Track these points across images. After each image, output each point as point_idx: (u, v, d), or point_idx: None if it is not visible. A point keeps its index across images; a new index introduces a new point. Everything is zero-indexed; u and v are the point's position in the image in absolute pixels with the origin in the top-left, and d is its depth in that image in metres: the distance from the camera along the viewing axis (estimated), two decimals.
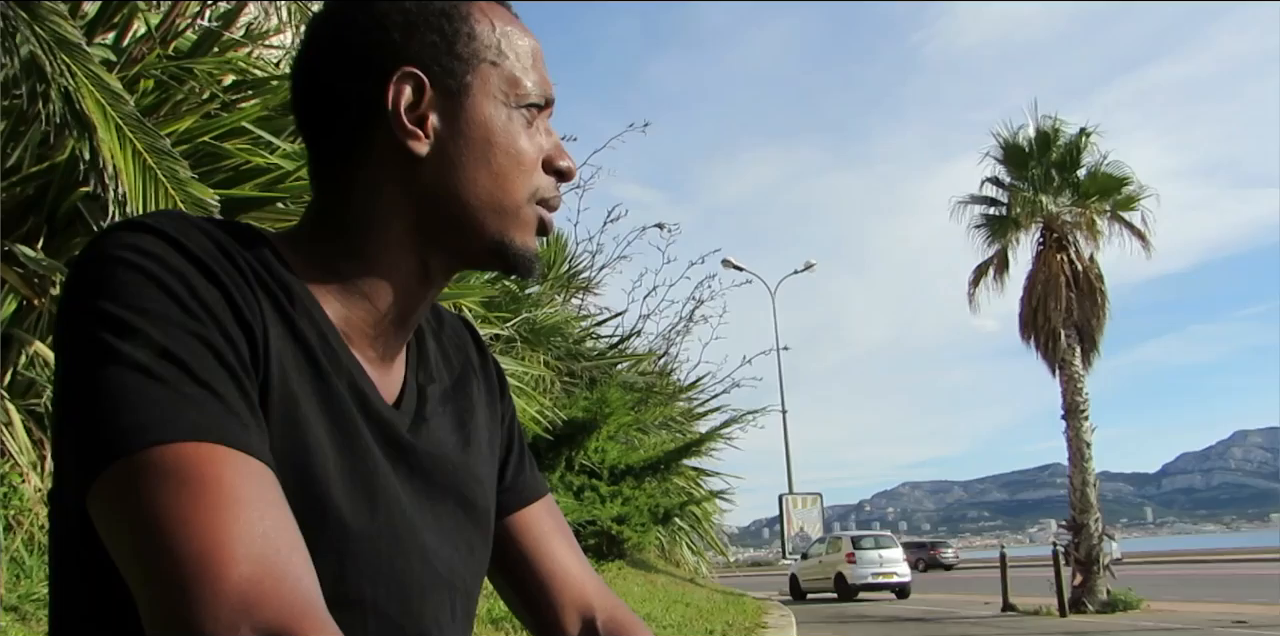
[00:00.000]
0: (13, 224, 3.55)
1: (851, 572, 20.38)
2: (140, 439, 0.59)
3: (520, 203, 0.78)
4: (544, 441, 5.75)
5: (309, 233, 0.78)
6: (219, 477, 0.59)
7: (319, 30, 0.79)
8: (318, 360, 0.72)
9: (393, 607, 0.73)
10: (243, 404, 0.64)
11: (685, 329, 13.48)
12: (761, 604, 7.85)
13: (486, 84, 0.77)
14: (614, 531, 5.55)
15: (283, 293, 0.72)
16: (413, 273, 0.78)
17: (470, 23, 0.78)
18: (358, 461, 0.72)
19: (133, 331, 0.62)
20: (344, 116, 0.77)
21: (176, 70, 3.82)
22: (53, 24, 2.50)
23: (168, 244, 0.66)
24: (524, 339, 7.59)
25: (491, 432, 0.90)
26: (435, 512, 0.78)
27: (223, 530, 0.57)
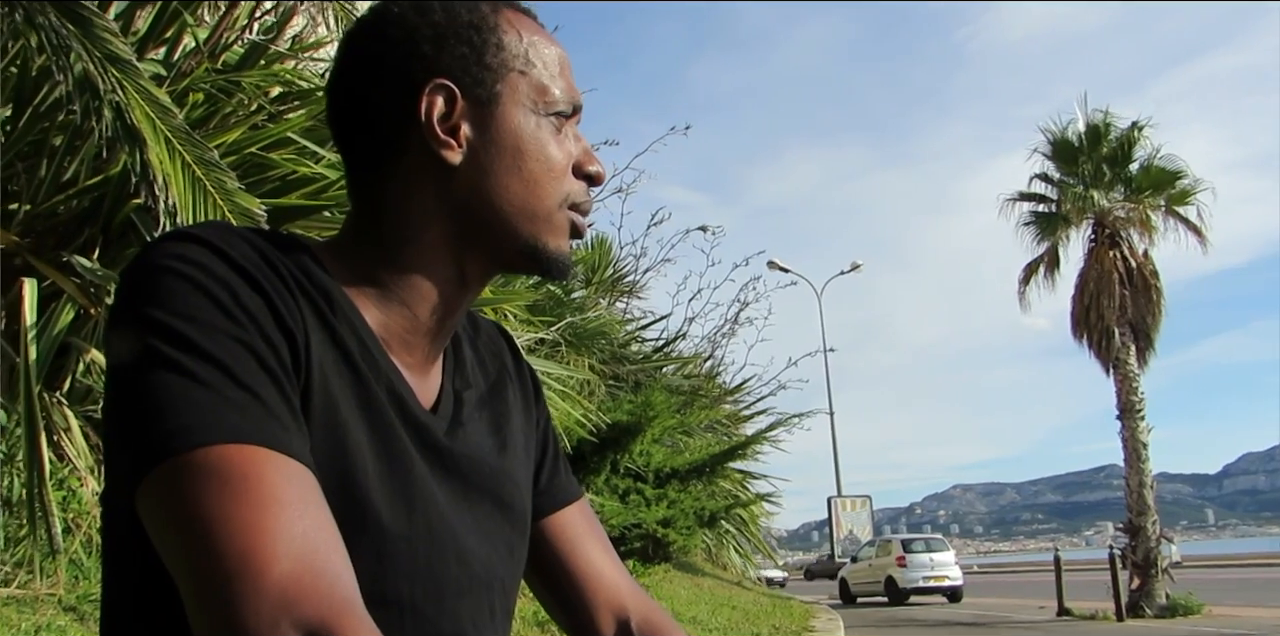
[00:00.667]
0: (70, 235, 3.65)
1: (902, 576, 20.16)
2: (185, 440, 0.61)
3: (552, 208, 0.80)
4: (589, 444, 5.78)
5: (349, 242, 0.81)
6: (260, 478, 0.61)
7: (353, 45, 0.81)
8: (357, 366, 0.74)
9: (430, 607, 0.75)
10: (284, 407, 0.66)
11: (730, 331, 13.47)
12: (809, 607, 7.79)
13: (516, 92, 0.79)
14: (659, 534, 5.55)
15: (324, 300, 0.74)
16: (450, 278, 0.80)
17: (498, 34, 0.80)
18: (396, 464, 0.74)
19: (179, 337, 0.65)
20: (379, 128, 0.79)
21: (225, 83, 3.91)
22: (104, 41, 2.57)
23: (213, 253, 0.69)
24: (569, 343, 7.64)
25: (527, 437, 0.92)
26: (474, 514, 0.80)
27: (264, 528, 0.59)
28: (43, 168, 3.72)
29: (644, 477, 6.27)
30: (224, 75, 3.96)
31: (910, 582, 20.04)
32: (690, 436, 8.80)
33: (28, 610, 2.62)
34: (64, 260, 3.49)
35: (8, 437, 3.06)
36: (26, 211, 3.68)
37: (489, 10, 0.81)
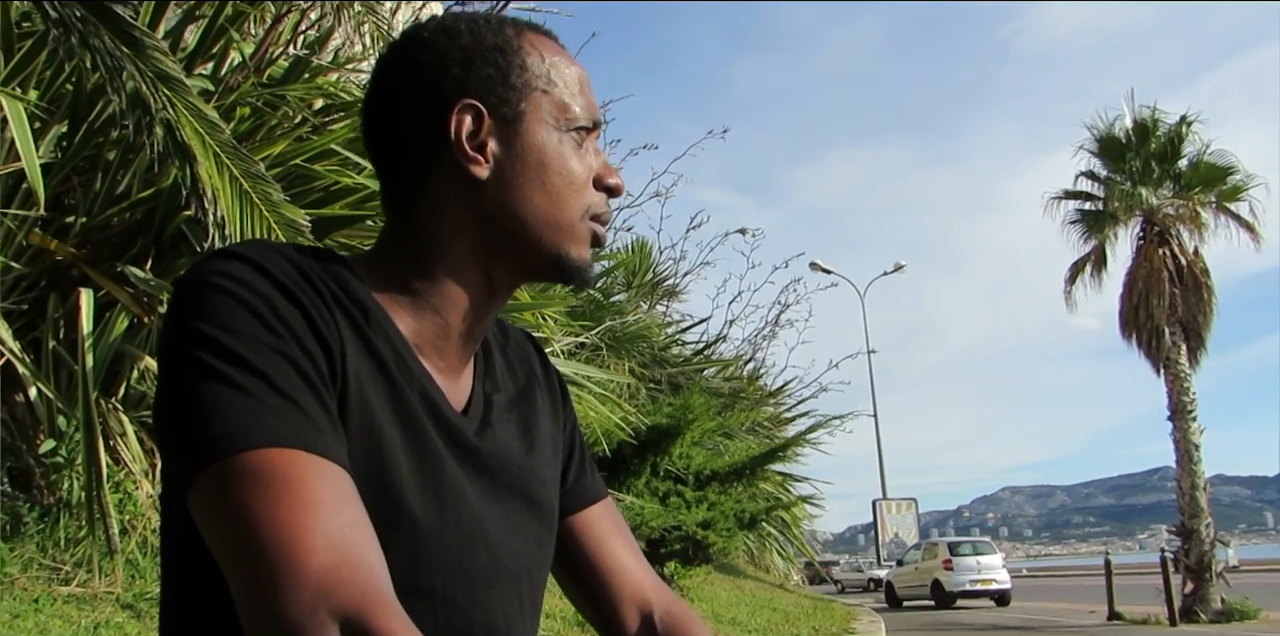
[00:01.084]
0: (123, 246, 3.78)
1: (948, 579, 19.94)
2: (230, 445, 0.66)
3: (574, 219, 0.85)
4: (629, 447, 5.83)
5: (383, 253, 0.86)
6: (299, 479, 0.66)
7: (386, 68, 0.87)
8: (391, 372, 0.79)
9: (461, 597, 0.79)
10: (321, 413, 0.71)
11: (771, 333, 13.45)
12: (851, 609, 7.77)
13: (539, 110, 0.84)
14: (699, 536, 5.58)
15: (359, 311, 0.79)
16: (479, 286, 0.86)
17: (522, 55, 0.85)
18: (428, 464, 0.79)
19: (224, 349, 0.70)
20: (411, 146, 0.85)
21: (270, 97, 4.02)
22: (155, 61, 2.67)
23: (255, 270, 0.74)
24: (609, 346, 7.71)
25: (554, 438, 0.96)
26: (503, 510, 0.85)
27: (303, 525, 0.64)
28: (97, 181, 3.85)
29: (684, 480, 6.30)
30: (269, 89, 4.07)
31: (957, 586, 19.82)
32: (731, 438, 8.81)
33: (87, 607, 2.73)
34: (118, 271, 3.62)
35: (67, 442, 3.18)
36: (82, 224, 3.81)
37: (513, 33, 0.86)
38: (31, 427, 3.31)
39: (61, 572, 2.78)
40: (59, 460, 3.15)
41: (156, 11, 4.11)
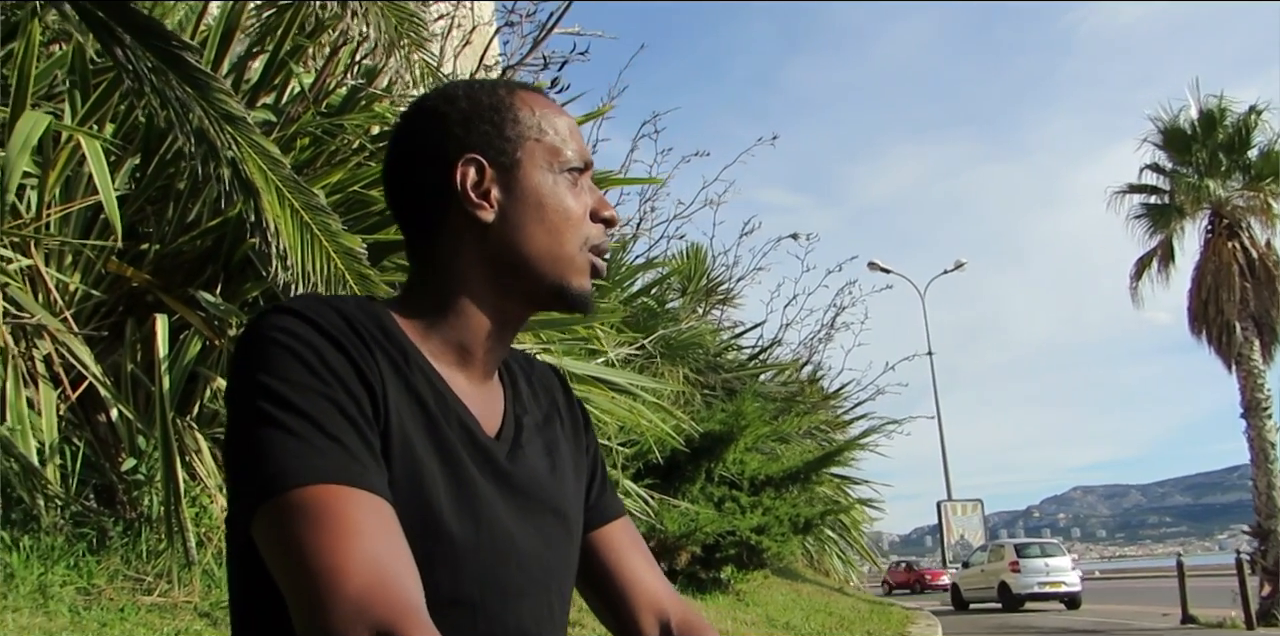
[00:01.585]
0: (195, 272, 3.99)
1: (1016, 581, 19.63)
2: (282, 484, 0.78)
3: (573, 250, 0.96)
4: (683, 454, 5.92)
5: (409, 295, 0.99)
6: (341, 512, 0.77)
7: (399, 135, 0.99)
8: (429, 407, 0.90)
9: (496, 606, 0.90)
10: (364, 450, 0.82)
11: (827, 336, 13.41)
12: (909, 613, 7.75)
13: (534, 157, 0.96)
14: (753, 541, 5.64)
15: (399, 353, 0.91)
16: (494, 317, 0.97)
17: (514, 111, 0.97)
18: (464, 488, 0.90)
19: (278, 397, 0.81)
20: (425, 199, 0.96)
21: (329, 126, 4.20)
22: (220, 102, 2.85)
23: (306, 323, 0.86)
24: (663, 354, 7.81)
25: (577, 461, 1.06)
26: (533, 525, 0.95)
27: (343, 552, 0.75)
28: (170, 210, 4.07)
29: (739, 485, 6.37)
30: (328, 118, 4.26)
31: (1024, 588, 19.50)
32: (787, 443, 8.85)
33: (168, 616, 2.91)
34: (190, 296, 3.82)
35: (147, 460, 3.38)
36: (156, 251, 4.02)
37: (505, 93, 0.98)
38: (113, 446, 3.52)
39: (144, 583, 2.97)
40: (139, 477, 3.35)
41: (221, 46, 4.33)
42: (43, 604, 2.39)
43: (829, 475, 10.75)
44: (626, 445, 5.35)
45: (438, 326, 0.95)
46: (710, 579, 5.96)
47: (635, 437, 5.26)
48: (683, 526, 5.42)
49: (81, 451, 3.23)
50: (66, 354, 3.48)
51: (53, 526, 2.81)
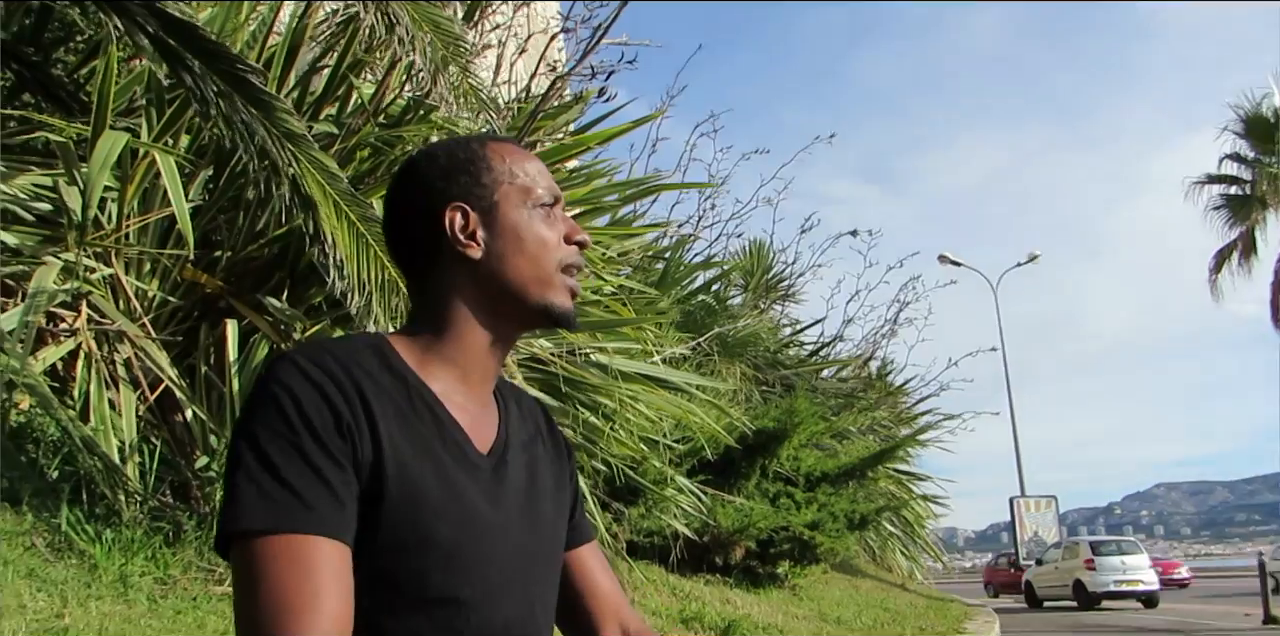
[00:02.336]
0: (263, 278, 4.20)
1: (1091, 579, 19.18)
2: (231, 526, 0.93)
3: (551, 272, 1.11)
4: (737, 450, 6.01)
5: (411, 326, 1.13)
6: (265, 565, 0.91)
7: (391, 194, 1.16)
8: (423, 430, 1.04)
9: (485, 603, 1.03)
10: (315, 492, 0.95)
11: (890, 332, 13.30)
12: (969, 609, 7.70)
13: (509, 198, 1.12)
14: (806, 537, 5.70)
15: (400, 383, 1.05)
16: (487, 339, 1.11)
17: (487, 160, 1.13)
18: (454, 500, 1.03)
19: (254, 440, 0.96)
20: (420, 245, 1.12)
21: (388, 136, 4.38)
22: (282, 121, 3.02)
23: (299, 374, 0.99)
24: (720, 351, 7.90)
25: (558, 482, 1.21)
26: (516, 531, 1.09)
27: (265, 602, 0.90)
28: (240, 219, 4.29)
29: (794, 482, 6.42)
30: (387, 129, 4.44)
31: (1100, 586, 19.04)
32: (847, 439, 8.85)
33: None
34: (259, 301, 4.03)
35: (219, 458, 3.58)
36: (228, 258, 4.24)
37: (478, 146, 1.14)
38: (188, 445, 3.74)
39: (216, 573, 3.16)
40: (212, 474, 3.55)
41: (287, 62, 4.53)
42: (123, 592, 2.58)
43: (891, 471, 10.71)
44: (681, 442, 5.45)
45: (436, 349, 1.10)
46: (766, 574, 6.03)
47: (689, 435, 5.35)
48: (736, 522, 5.50)
49: (159, 450, 3.44)
50: (145, 358, 3.70)
51: (132, 520, 3.01)
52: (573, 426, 4.08)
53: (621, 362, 4.51)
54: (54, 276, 3.37)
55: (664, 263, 8.27)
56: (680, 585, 4.95)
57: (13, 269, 3.62)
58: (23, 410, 3.19)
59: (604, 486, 4.64)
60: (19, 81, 4.67)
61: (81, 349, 3.55)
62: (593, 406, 4.18)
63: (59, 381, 3.50)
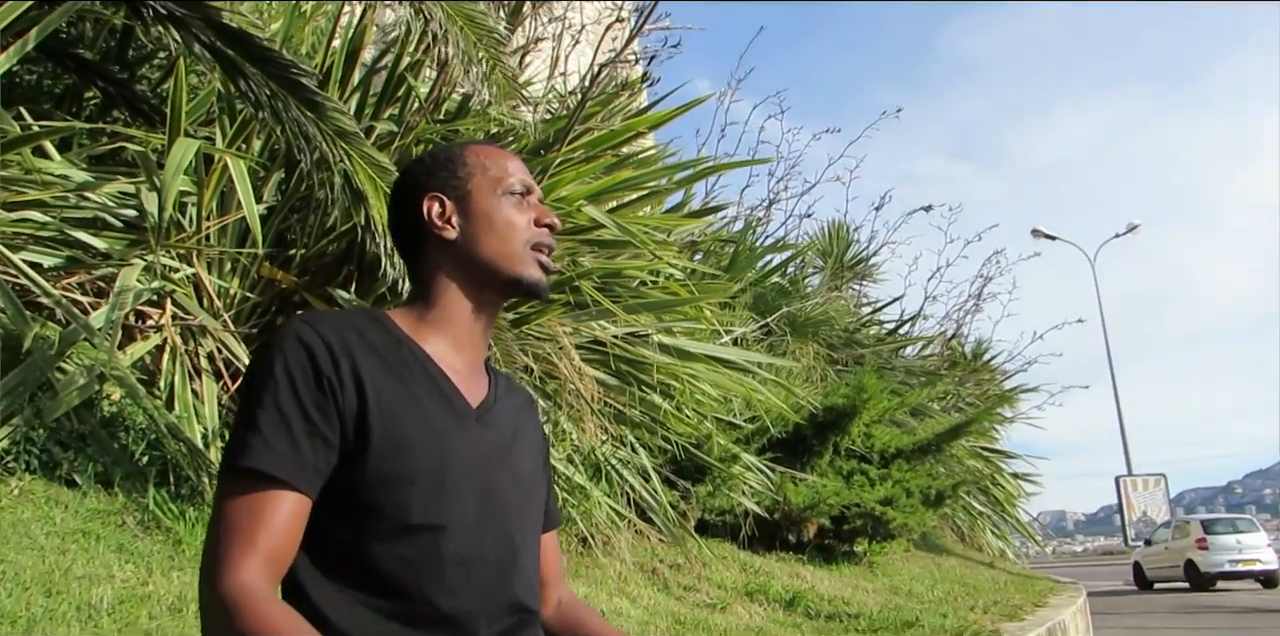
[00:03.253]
0: (333, 273, 4.41)
1: (1203, 559, 18.46)
2: (225, 461, 1.12)
3: (520, 250, 1.28)
4: (809, 428, 6.05)
5: (409, 302, 1.31)
6: (229, 498, 1.09)
7: (392, 192, 1.35)
8: (412, 382, 1.20)
9: (467, 529, 1.18)
10: (284, 443, 1.11)
11: (974, 308, 13.04)
12: (1057, 586, 7.57)
13: (481, 188, 1.29)
14: (878, 512, 5.70)
15: (394, 344, 1.22)
16: (472, 309, 1.29)
17: (463, 158, 1.32)
18: (438, 443, 1.19)
19: (247, 392, 1.15)
20: (410, 233, 1.31)
21: (445, 132, 4.54)
22: (334, 120, 3.19)
23: (297, 338, 1.16)
24: (792, 331, 7.93)
25: (534, 460, 1.35)
26: (497, 474, 1.24)
27: (211, 538, 1.08)
28: (311, 218, 4.51)
29: (869, 459, 6.41)
30: (444, 124, 4.60)
31: (1213, 566, 18.31)
32: (930, 418, 8.76)
33: None
34: (329, 294, 4.24)
35: None
36: (301, 255, 4.47)
37: (458, 149, 1.33)
38: None
39: None
40: None
41: (347, 67, 4.74)
42: None
43: (977, 449, 10.53)
44: (750, 421, 5.52)
45: (427, 319, 1.27)
46: (841, 551, 6.05)
47: (756, 414, 5.41)
48: (807, 498, 5.54)
49: None
50: (225, 350, 3.94)
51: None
52: (632, 405, 4.19)
53: (681, 342, 4.60)
54: (137, 276, 3.61)
55: (734, 246, 8.31)
56: (750, 561, 5.02)
57: (103, 271, 3.88)
58: (114, 401, 3.44)
59: (669, 465, 4.74)
60: (106, 98, 4.98)
61: (167, 343, 3.79)
62: (652, 385, 4.28)
63: (147, 374, 3.75)
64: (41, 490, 2.93)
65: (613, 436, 4.12)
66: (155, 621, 2.20)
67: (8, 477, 2.92)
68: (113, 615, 2.18)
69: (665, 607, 3.54)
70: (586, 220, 4.11)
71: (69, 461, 3.07)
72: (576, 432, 3.89)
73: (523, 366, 3.73)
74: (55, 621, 2.05)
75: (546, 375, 3.99)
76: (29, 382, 3.10)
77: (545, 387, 4.01)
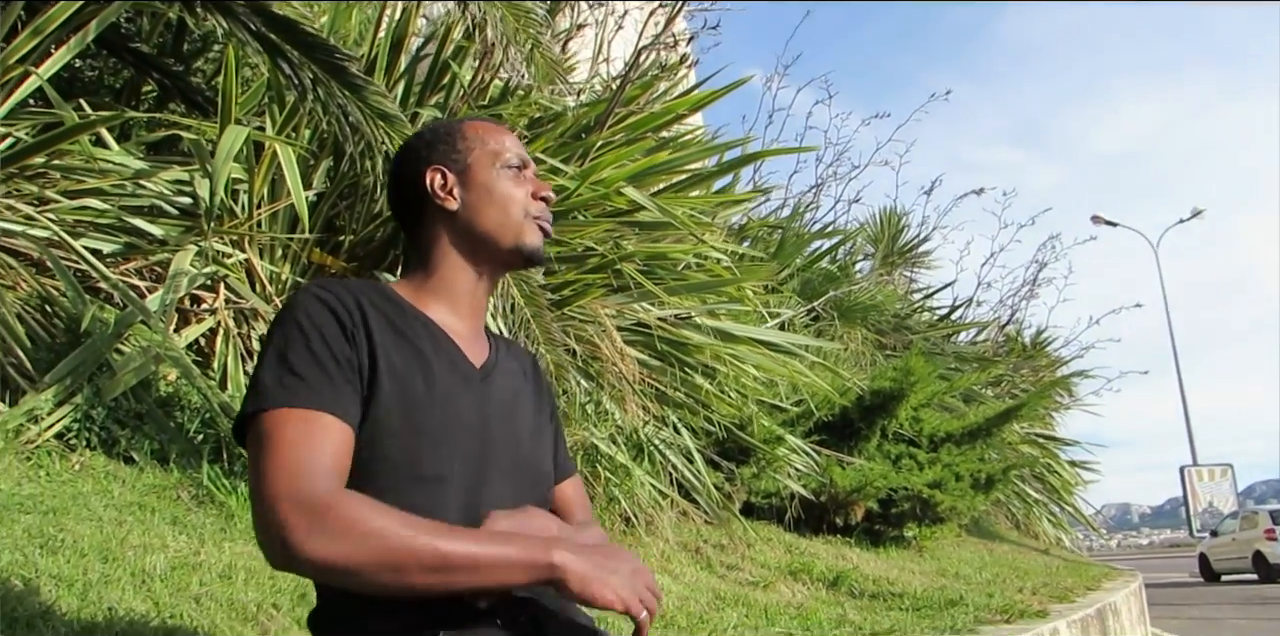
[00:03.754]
0: (380, 257, 4.49)
1: (1273, 551, 17.99)
2: (253, 407, 1.15)
3: (519, 218, 1.33)
4: (856, 411, 6.02)
5: (410, 272, 1.37)
6: (278, 430, 1.12)
7: (394, 166, 1.40)
8: (417, 343, 1.25)
9: (468, 482, 1.23)
10: (323, 381, 1.15)
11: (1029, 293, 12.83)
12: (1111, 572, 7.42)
13: (480, 161, 1.34)
14: (926, 495, 5.66)
15: (398, 310, 1.27)
16: (472, 278, 1.35)
17: (463, 132, 1.37)
18: (443, 399, 1.24)
19: (272, 347, 1.19)
20: (412, 205, 1.36)
21: (487, 117, 4.60)
22: (376, 102, 3.25)
23: (313, 297, 1.22)
24: (840, 315, 7.90)
25: (537, 413, 1.40)
26: (499, 429, 1.30)
27: (270, 466, 1.10)
28: (360, 204, 4.59)
29: (917, 443, 6.36)
30: (486, 109, 4.65)
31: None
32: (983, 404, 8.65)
33: None
34: (377, 278, 4.32)
35: None
36: (350, 240, 4.56)
37: (457, 124, 1.38)
38: None
39: None
40: None
41: (392, 55, 4.81)
42: (254, 538, 2.87)
43: (1032, 436, 10.38)
44: (796, 404, 5.51)
45: (428, 287, 1.33)
46: (890, 535, 6.02)
47: (802, 397, 5.40)
48: (854, 481, 5.52)
49: None
50: None
51: None
52: (674, 385, 4.21)
53: (725, 325, 4.61)
54: (190, 260, 3.72)
55: (781, 232, 8.29)
56: (796, 543, 5.02)
57: (159, 257, 4.00)
58: (170, 381, 3.55)
59: (713, 447, 4.75)
60: (163, 91, 5.12)
61: (220, 326, 3.90)
62: (694, 367, 4.29)
63: (201, 355, 3.86)
64: (101, 466, 3.04)
65: (655, 416, 4.15)
66: (205, 587, 2.28)
67: (69, 454, 3.04)
68: (165, 581, 2.26)
69: (706, 584, 3.56)
70: (626, 203, 4.14)
71: (127, 439, 3.18)
72: (619, 412, 3.93)
73: (564, 347, 3.77)
74: (110, 586, 2.13)
75: (589, 357, 4.03)
76: (88, 363, 3.21)
77: (588, 368, 4.05)
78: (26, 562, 2.08)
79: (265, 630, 2.07)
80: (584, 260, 4.06)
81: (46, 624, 1.79)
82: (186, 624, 2.00)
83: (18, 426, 2.98)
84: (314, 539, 1.03)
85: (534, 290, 3.11)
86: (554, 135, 4.29)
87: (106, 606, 1.98)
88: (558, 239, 4.24)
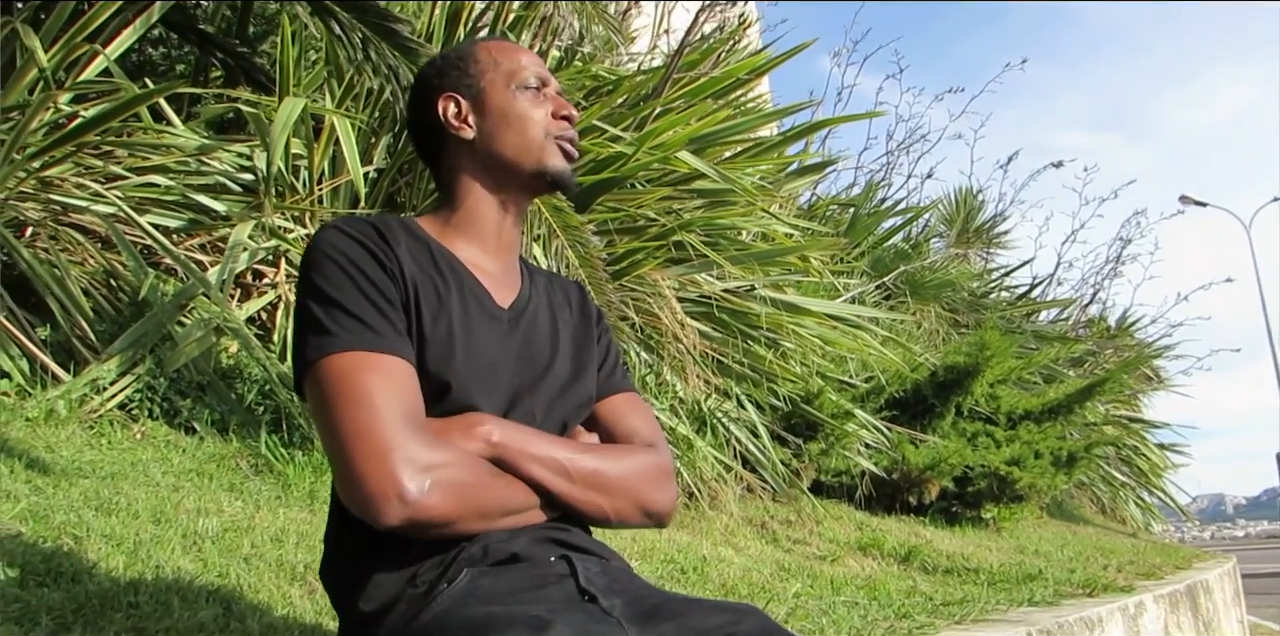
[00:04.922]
0: None
1: None
2: (316, 354, 1.10)
3: (540, 140, 1.26)
4: (929, 388, 5.85)
5: (435, 208, 1.31)
6: (350, 375, 1.07)
7: (409, 98, 1.34)
8: (446, 280, 1.20)
9: (488, 401, 1.18)
10: (381, 321, 1.11)
11: (1112, 272, 12.36)
12: (1202, 554, 7.11)
13: (494, 84, 1.27)
14: (1004, 472, 5.46)
15: (424, 247, 1.22)
16: (497, 210, 1.28)
17: (474, 55, 1.30)
18: (470, 338, 1.19)
19: (317, 290, 1.13)
20: (430, 136, 1.30)
21: None
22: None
23: (343, 234, 1.17)
24: (912, 292, 7.72)
25: (580, 342, 1.33)
26: (527, 365, 1.24)
27: (347, 416, 1.05)
28: (418, 182, 4.57)
29: (994, 421, 6.15)
30: None
31: None
32: (1063, 383, 8.37)
33: None
34: None
35: None
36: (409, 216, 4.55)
37: (468, 46, 1.32)
38: None
39: None
40: None
41: (450, 26, 4.77)
42: (309, 505, 2.86)
43: (1119, 418, 10.01)
44: (866, 380, 5.36)
45: (454, 222, 1.27)
46: (967, 516, 5.83)
47: (872, 373, 5.26)
48: (928, 459, 5.35)
49: None
50: None
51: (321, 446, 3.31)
52: (737, 358, 4.11)
53: (790, 297, 4.48)
54: (249, 232, 3.73)
55: (853, 210, 8.11)
56: (867, 521, 4.89)
57: (222, 232, 4.03)
58: (231, 353, 3.56)
59: (779, 422, 4.64)
60: (227, 71, 5.17)
61: (282, 300, 3.91)
62: (756, 339, 4.18)
63: (263, 329, 3.88)
64: (162, 435, 3.06)
65: (717, 389, 4.05)
66: (256, 548, 2.26)
67: (131, 423, 3.06)
68: (217, 543, 2.25)
69: (771, 556, 3.46)
70: (688, 169, 4.04)
71: (188, 409, 3.20)
72: (680, 384, 3.84)
73: (624, 318, 3.70)
74: (161, 546, 2.12)
75: (648, 327, 3.95)
76: (151, 335, 3.23)
77: (648, 340, 3.97)
78: (79, 522, 2.08)
79: (312, 589, 2.04)
80: (643, 230, 3.97)
81: (91, 578, 1.77)
82: (234, 582, 1.98)
83: (81, 396, 3.01)
84: (433, 494, 1.02)
85: (589, 252, 3.04)
86: (611, 102, 4.20)
87: (155, 564, 1.97)
88: (614, 207, 4.16)
